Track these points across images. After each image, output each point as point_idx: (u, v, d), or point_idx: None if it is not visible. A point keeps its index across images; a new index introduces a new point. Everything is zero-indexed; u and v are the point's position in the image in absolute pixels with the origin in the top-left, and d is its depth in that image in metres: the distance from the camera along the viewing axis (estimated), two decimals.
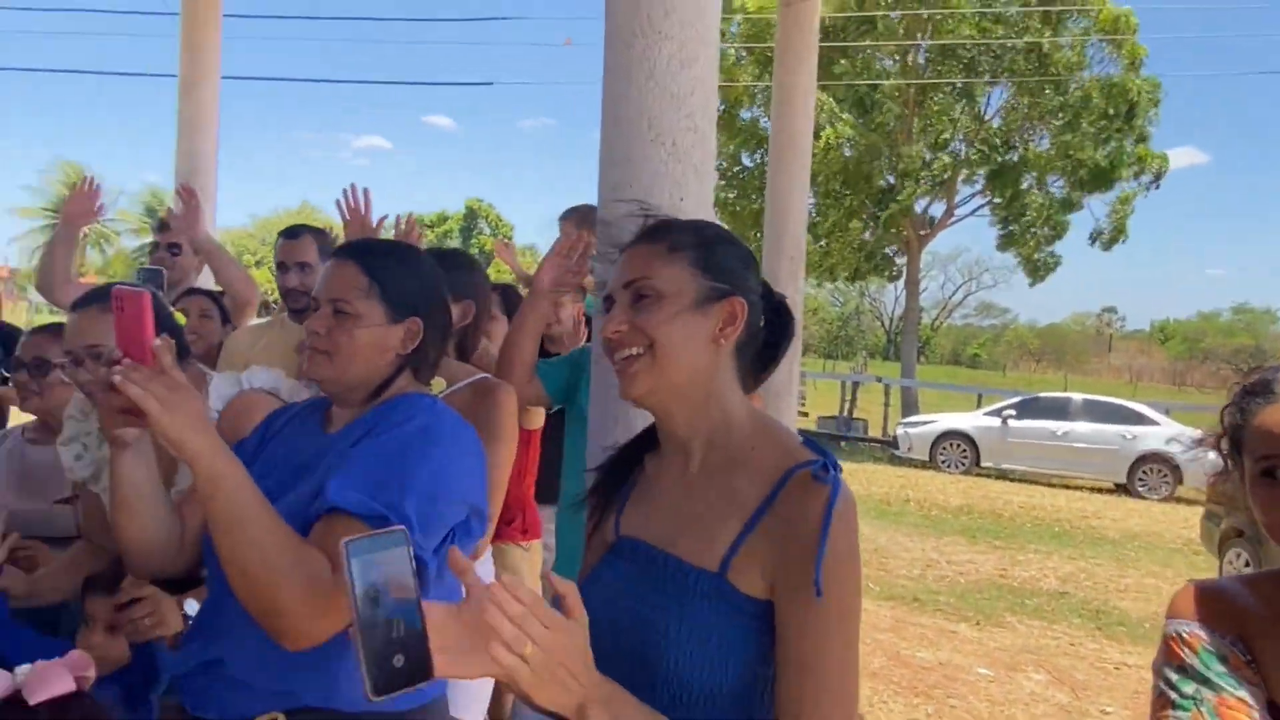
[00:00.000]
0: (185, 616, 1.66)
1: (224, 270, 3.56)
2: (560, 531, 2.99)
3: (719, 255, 1.23)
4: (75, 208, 3.40)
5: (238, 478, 1.25)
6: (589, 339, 2.85)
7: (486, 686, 2.45)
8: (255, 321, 3.54)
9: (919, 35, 19.07)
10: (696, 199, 1.77)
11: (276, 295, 3.18)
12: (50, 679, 1.32)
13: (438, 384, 2.08)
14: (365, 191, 2.72)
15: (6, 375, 3.25)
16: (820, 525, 1.07)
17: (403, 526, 0.91)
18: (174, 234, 3.71)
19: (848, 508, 1.09)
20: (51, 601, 2.12)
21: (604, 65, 1.86)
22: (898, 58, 19.73)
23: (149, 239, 3.92)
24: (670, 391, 1.20)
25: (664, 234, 1.24)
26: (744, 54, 19.61)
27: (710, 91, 1.81)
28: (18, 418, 2.97)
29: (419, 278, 1.55)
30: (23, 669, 1.33)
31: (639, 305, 1.20)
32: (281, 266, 2.99)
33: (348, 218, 2.73)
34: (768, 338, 1.28)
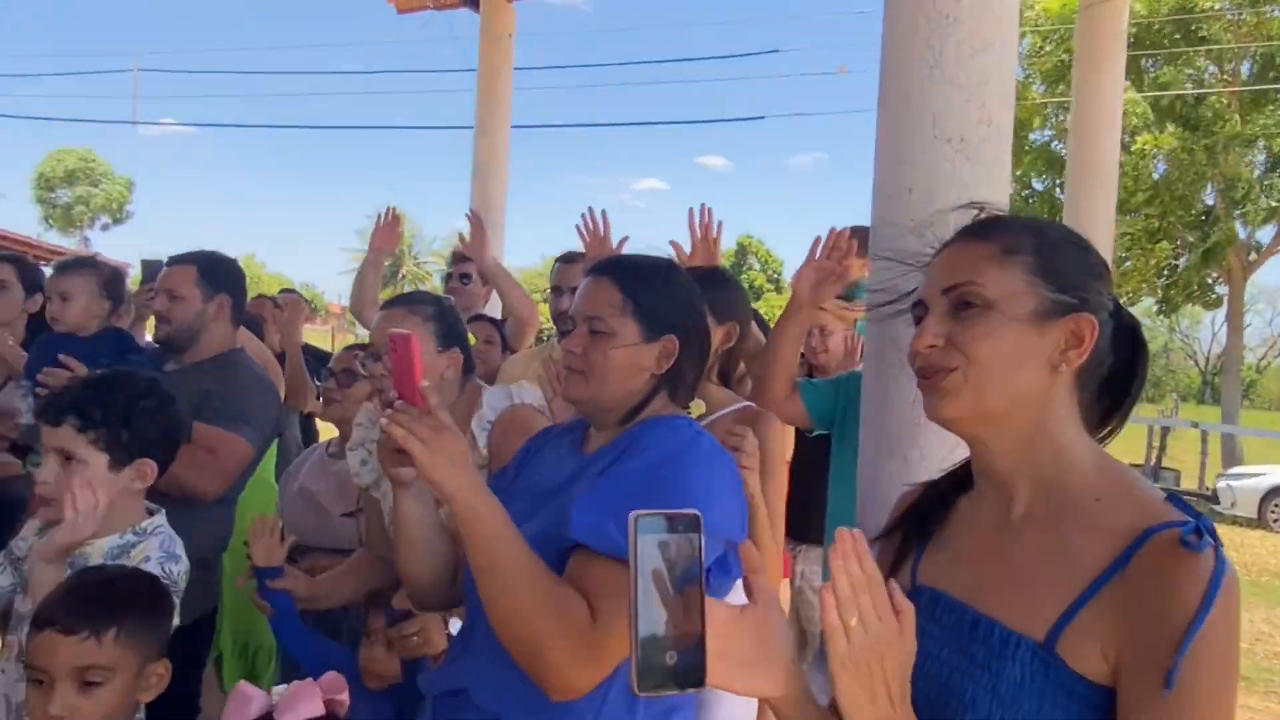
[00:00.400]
0: (449, 636, 1.70)
1: (508, 292, 3.76)
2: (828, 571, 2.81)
3: (1065, 261, 1.01)
4: (379, 236, 3.73)
5: (494, 519, 1.23)
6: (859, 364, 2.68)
7: (750, 716, 2.26)
8: (531, 348, 3.70)
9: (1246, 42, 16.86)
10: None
11: (551, 326, 3.31)
12: (300, 701, 1.37)
13: (697, 407, 2.00)
14: (603, 213, 2.79)
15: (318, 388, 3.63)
16: (1198, 607, 0.85)
17: (697, 511, 0.81)
18: (465, 265, 3.97)
19: (1233, 589, 0.87)
20: (332, 605, 2.25)
21: (881, 57, 1.68)
22: (1217, 66, 17.56)
23: None
24: (987, 420, 1.00)
25: (996, 232, 1.04)
26: (1033, 72, 18.26)
27: (1006, 80, 1.58)
28: (328, 432, 3.26)
29: (675, 295, 1.47)
30: (279, 689, 1.39)
31: (961, 316, 1.00)
32: (556, 290, 3.09)
33: (588, 239, 2.80)
34: (1113, 367, 1.05)
